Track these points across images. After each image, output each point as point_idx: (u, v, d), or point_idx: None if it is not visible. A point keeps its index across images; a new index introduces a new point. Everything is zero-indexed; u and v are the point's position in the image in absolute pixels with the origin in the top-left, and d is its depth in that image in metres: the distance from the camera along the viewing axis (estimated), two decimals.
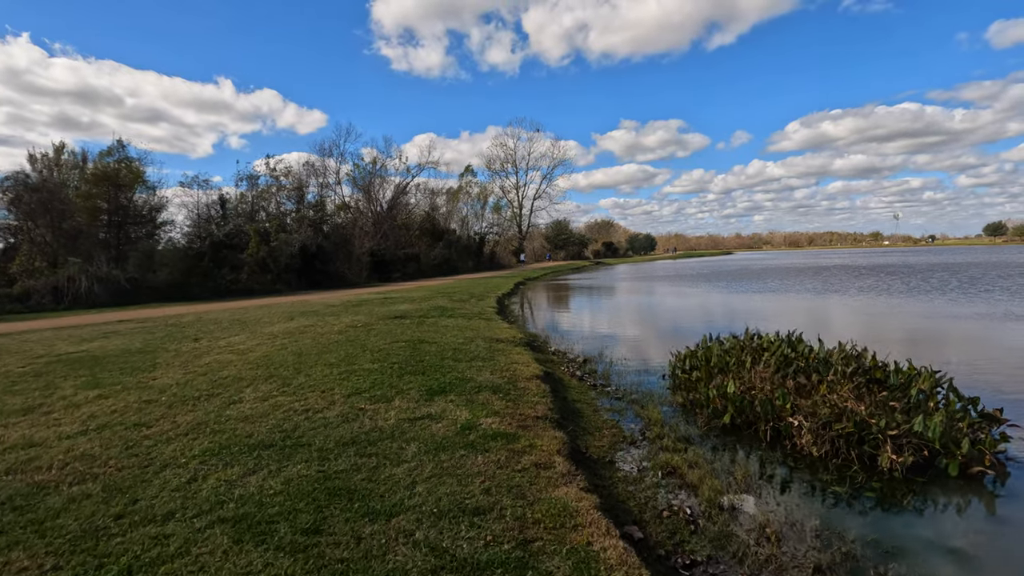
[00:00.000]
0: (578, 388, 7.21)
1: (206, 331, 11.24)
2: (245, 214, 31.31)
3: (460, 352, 7.95)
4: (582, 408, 6.21)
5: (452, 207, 55.13)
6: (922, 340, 10.26)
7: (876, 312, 14.64)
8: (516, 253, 64.31)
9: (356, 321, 12.00)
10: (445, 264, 42.87)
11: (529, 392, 5.83)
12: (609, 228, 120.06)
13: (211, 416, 5.01)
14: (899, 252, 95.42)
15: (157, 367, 7.55)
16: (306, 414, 5.00)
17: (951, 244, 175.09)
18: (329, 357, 7.72)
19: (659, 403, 6.50)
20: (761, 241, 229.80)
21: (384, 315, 12.99)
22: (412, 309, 14.40)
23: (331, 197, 42.29)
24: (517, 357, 7.76)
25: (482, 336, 9.61)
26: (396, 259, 37.01)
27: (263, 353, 8.29)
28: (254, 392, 5.88)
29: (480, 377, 6.37)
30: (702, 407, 6.00)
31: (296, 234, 28.75)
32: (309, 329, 10.92)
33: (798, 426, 4.94)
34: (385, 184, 44.81)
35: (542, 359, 8.53)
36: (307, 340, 9.42)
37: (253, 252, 26.44)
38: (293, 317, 13.30)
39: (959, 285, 21.39)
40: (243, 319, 13.32)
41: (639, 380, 7.75)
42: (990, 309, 14.07)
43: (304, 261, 27.72)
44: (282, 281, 26.96)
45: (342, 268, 31.81)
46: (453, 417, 4.83)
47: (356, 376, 6.44)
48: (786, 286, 24.71)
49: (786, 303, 17.94)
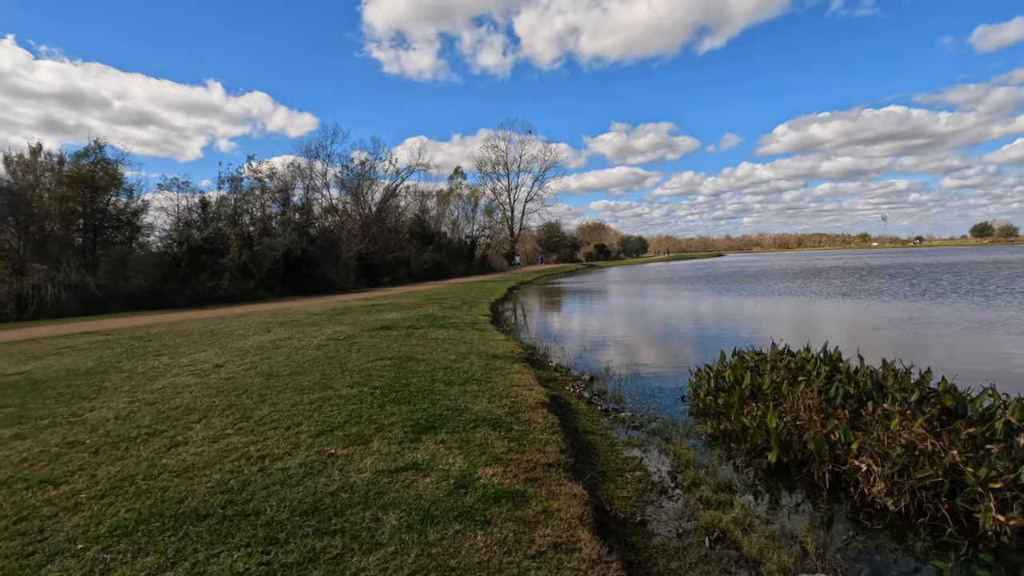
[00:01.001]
0: (588, 414, 6.28)
1: (171, 345, 10.19)
2: (227, 217, 30.12)
3: (452, 372, 6.99)
4: (596, 442, 5.28)
5: (442, 210, 54.14)
6: (966, 353, 9.44)
7: (898, 318, 13.85)
8: (508, 256, 63.38)
9: (338, 333, 11.00)
10: (436, 268, 41.85)
11: (535, 426, 4.89)
12: (601, 230, 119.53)
13: (142, 467, 4.02)
14: (891, 253, 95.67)
15: (101, 393, 6.52)
16: (262, 463, 4.02)
17: (938, 245, 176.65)
18: (302, 379, 6.73)
19: (684, 433, 5.59)
20: (751, 243, 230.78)
21: (369, 325, 11.99)
22: (400, 318, 13.41)
23: (318, 200, 41.19)
24: (517, 378, 6.82)
25: (476, 351, 8.66)
26: (385, 263, 35.93)
27: (228, 374, 7.28)
28: (205, 429, 4.88)
29: (476, 406, 5.42)
30: (738, 440, 5.10)
31: (280, 238, 27.62)
32: (285, 343, 9.90)
33: (866, 471, 4.05)
34: (374, 186, 43.76)
35: (544, 378, 7.60)
36: (281, 357, 8.41)
37: (234, 257, 25.30)
38: (270, 328, 12.26)
39: (972, 287, 20.75)
40: (216, 330, 12.27)
41: (655, 402, 6.84)
42: (1019, 314, 13.35)
43: (288, 266, 26.61)
44: (265, 287, 25.82)
45: (329, 273, 30.70)
46: (445, 466, 3.88)
47: (330, 406, 5.47)
48: (790, 289, 23.99)
49: (796, 308, 17.15)
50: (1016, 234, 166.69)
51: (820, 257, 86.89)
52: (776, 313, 16.21)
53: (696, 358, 9.47)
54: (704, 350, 10.37)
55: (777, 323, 14.11)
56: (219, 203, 30.93)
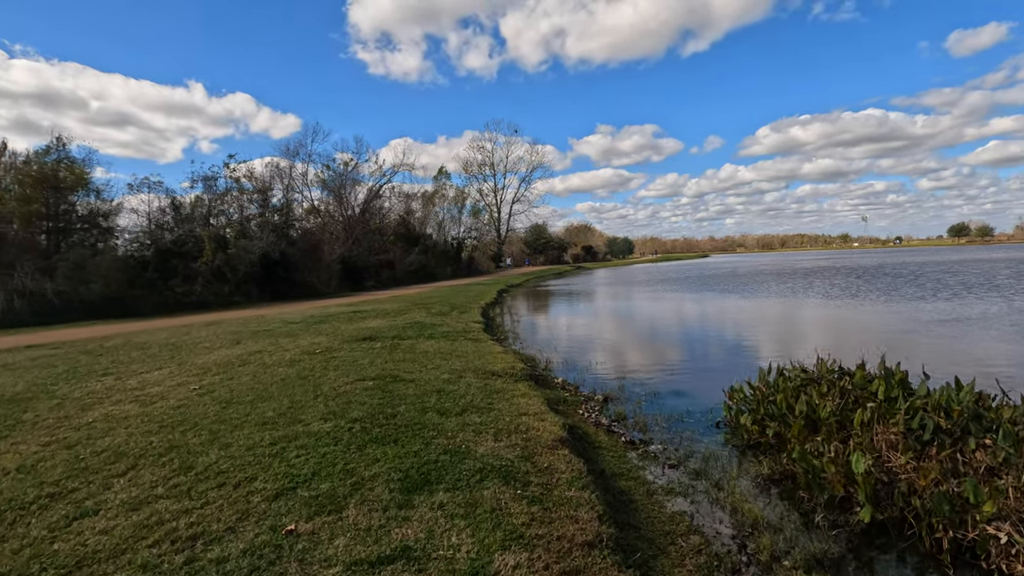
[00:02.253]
0: (611, 448, 5.23)
1: (122, 362, 8.94)
2: (201, 219, 28.62)
3: (447, 396, 5.89)
4: (631, 490, 4.24)
5: (428, 211, 52.84)
6: None
7: (925, 319, 13.05)
8: (496, 258, 62.28)
9: (315, 345, 9.83)
10: (421, 271, 40.60)
11: (559, 477, 3.83)
12: (587, 232, 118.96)
13: (21, 560, 2.88)
14: (876, 253, 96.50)
15: (16, 429, 5.31)
16: (191, 548, 2.90)
17: (916, 245, 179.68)
18: (266, 408, 5.59)
19: (733, 472, 4.57)
20: (734, 244, 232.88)
21: (351, 336, 10.83)
22: (385, 327, 12.26)
23: (299, 201, 39.75)
24: (523, 403, 5.75)
25: (472, 367, 7.57)
26: (369, 266, 34.62)
27: (178, 401, 6.11)
28: (128, 488, 3.74)
29: (481, 446, 4.34)
30: (809, 488, 4.09)
31: (258, 240, 26.22)
32: (254, 358, 8.72)
33: (1007, 542, 3.06)
34: (357, 187, 42.39)
35: (553, 400, 6.54)
36: (245, 377, 7.24)
37: (207, 260, 23.85)
38: (240, 340, 11.04)
39: (980, 284, 20.18)
40: (179, 343, 11.01)
41: (685, 430, 5.82)
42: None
43: (266, 269, 25.22)
44: (241, 292, 24.40)
45: (310, 277, 29.32)
46: (447, 552, 2.80)
47: (296, 448, 4.35)
48: (791, 290, 23.26)
49: (810, 312, 16.32)
50: (992, 234, 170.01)
51: (806, 257, 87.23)
52: (790, 317, 15.36)
53: (721, 373, 8.50)
54: (727, 363, 9.41)
55: (795, 329, 13.23)
56: (194, 204, 29.46)
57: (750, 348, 10.70)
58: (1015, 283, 21.32)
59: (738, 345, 11.08)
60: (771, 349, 10.45)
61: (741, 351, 10.40)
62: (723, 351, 10.50)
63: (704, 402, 6.84)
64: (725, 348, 10.83)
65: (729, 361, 9.49)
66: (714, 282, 32.03)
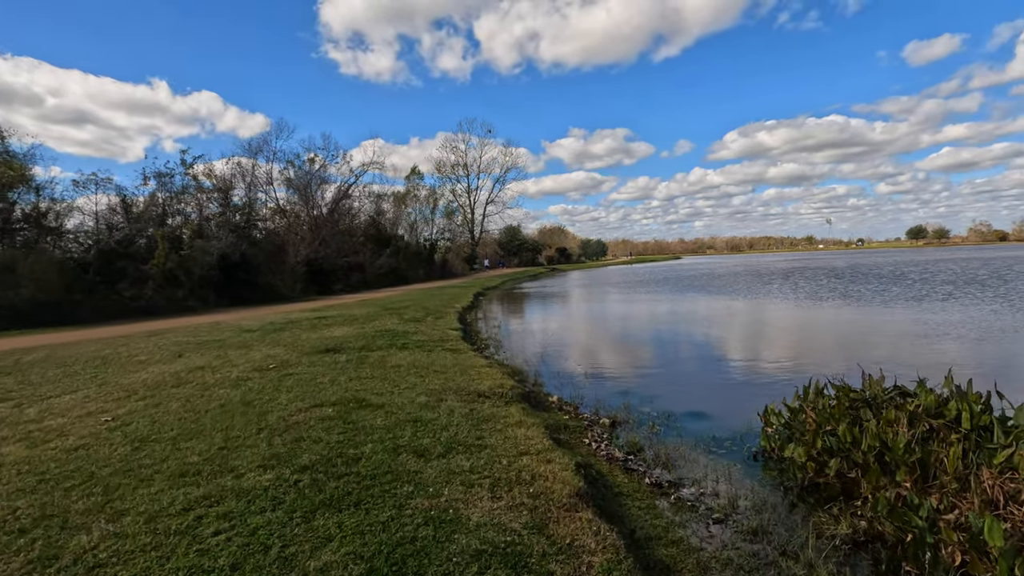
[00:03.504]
0: (635, 494, 4.15)
1: (33, 383, 7.47)
2: (155, 218, 26.60)
3: (425, 429, 4.72)
4: (676, 564, 3.15)
5: (399, 211, 51.18)
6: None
7: (948, 321, 12.42)
8: (469, 260, 60.95)
9: (270, 358, 8.52)
10: (393, 273, 39.04)
11: (588, 564, 2.72)
12: (561, 234, 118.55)
13: None
14: (843, 254, 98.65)
15: None
16: None
17: (876, 247, 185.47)
18: (191, 449, 4.33)
19: (803, 534, 3.54)
20: (704, 246, 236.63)
21: (312, 347, 9.53)
22: (352, 335, 10.97)
23: (263, 200, 37.72)
24: (521, 434, 4.63)
25: (454, 386, 6.40)
26: (337, 268, 32.93)
27: (80, 439, 4.77)
28: None
29: (473, 510, 3.19)
30: (916, 560, 3.07)
31: (215, 240, 24.44)
32: (194, 376, 7.37)
33: None
34: (325, 186, 40.55)
35: (553, 425, 5.43)
36: (176, 404, 5.92)
37: (159, 262, 22.02)
38: (184, 352, 9.61)
39: (979, 282, 19.95)
40: (111, 357, 9.52)
41: (716, 463, 4.79)
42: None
43: (224, 272, 23.46)
44: (197, 297, 22.62)
45: (273, 280, 27.59)
46: None
47: (216, 520, 3.12)
48: (777, 292, 22.74)
49: (807, 316, 15.62)
50: (948, 236, 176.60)
51: (777, 259, 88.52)
52: (793, 321, 14.62)
53: (739, 388, 7.59)
54: (741, 375, 8.48)
55: (804, 334, 12.44)
56: (148, 203, 27.40)
57: (761, 357, 9.82)
58: (999, 283, 21.24)
59: (748, 354, 10.18)
60: (783, 357, 9.58)
61: (753, 360, 9.50)
62: (732, 361, 9.58)
63: (728, 424, 5.84)
64: (733, 357, 9.92)
65: (742, 373, 8.56)
66: (697, 284, 31.50)
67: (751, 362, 9.30)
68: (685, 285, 30.62)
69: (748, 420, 5.73)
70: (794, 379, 7.77)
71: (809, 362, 8.83)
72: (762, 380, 7.96)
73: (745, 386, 7.67)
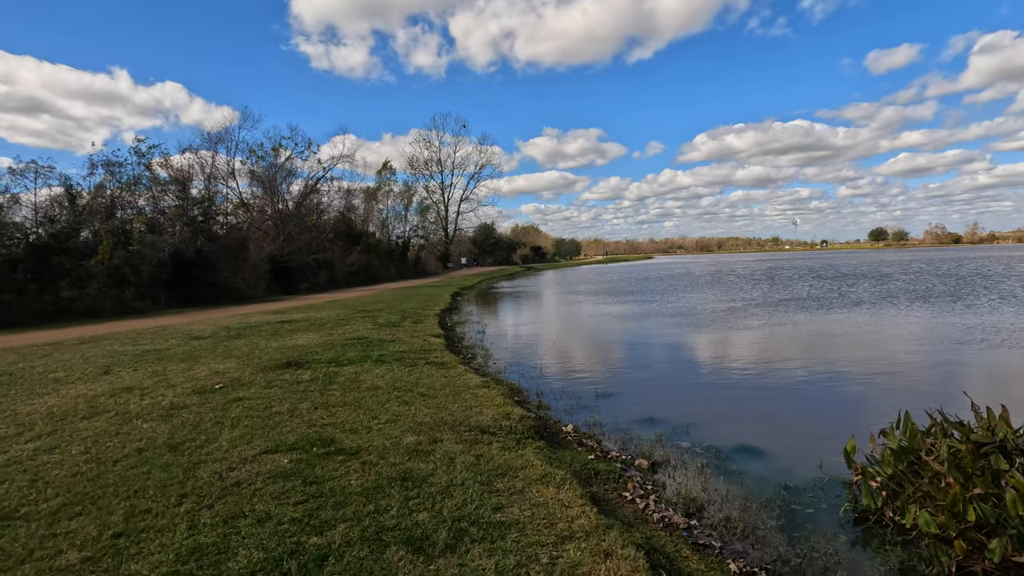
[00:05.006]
0: None
1: None
2: (103, 211, 24.30)
3: (420, 492, 3.40)
4: None
5: (370, 207, 49.16)
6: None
7: (968, 325, 11.64)
8: (443, 258, 59.27)
9: (218, 375, 7.03)
10: (364, 271, 37.23)
11: None
12: (535, 233, 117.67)
13: None
14: (814, 255, 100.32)
15: None
16: None
17: (839, 248, 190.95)
18: (68, 540, 2.91)
19: None
20: (675, 246, 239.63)
21: (270, 359, 8.05)
22: (318, 344, 9.50)
23: (225, 194, 35.37)
24: (552, 499, 3.35)
25: (449, 416, 5.07)
26: (304, 266, 30.98)
27: None
28: None
29: None
30: None
31: (168, 235, 22.40)
32: (115, 402, 5.85)
33: None
34: (292, 179, 38.38)
35: (583, 473, 4.17)
36: (76, 448, 4.43)
37: (103, 259, 19.94)
38: (113, 367, 8.01)
39: (969, 284, 19.56)
40: (21, 373, 7.84)
41: (804, 530, 3.62)
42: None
43: (177, 270, 21.46)
44: (145, 297, 20.59)
45: (233, 278, 25.59)
46: None
47: None
48: (775, 290, 22.02)
49: (830, 326, 14.76)
50: (907, 238, 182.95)
51: (749, 259, 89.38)
52: (814, 332, 13.71)
53: (789, 409, 6.46)
54: (786, 392, 7.36)
55: (823, 346, 11.49)
56: (94, 194, 25.04)
57: (804, 366, 8.77)
58: (988, 285, 20.97)
59: (785, 364, 9.13)
60: (841, 370, 8.56)
61: (795, 372, 8.44)
62: (768, 375, 8.49)
63: (795, 464, 4.69)
64: (767, 370, 8.84)
65: (788, 390, 7.44)
66: (680, 284, 30.75)
67: (793, 376, 8.22)
68: (668, 285, 29.82)
69: (816, 457, 4.61)
70: (861, 401, 6.75)
71: (882, 381, 7.75)
72: (817, 399, 6.89)
73: (800, 409, 6.56)
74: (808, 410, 6.51)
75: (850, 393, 7.13)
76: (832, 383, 7.60)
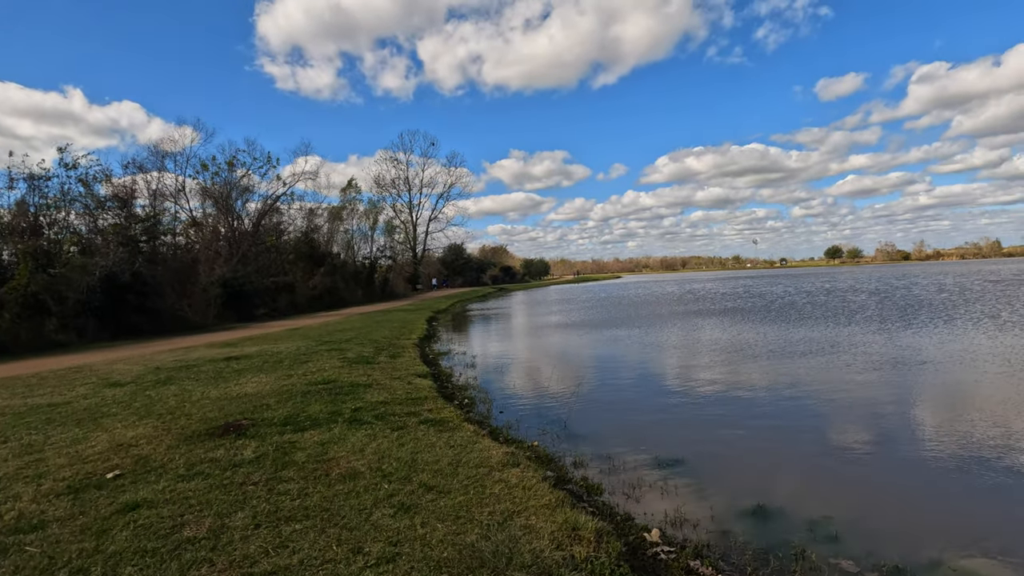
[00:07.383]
0: None
1: None
2: (22, 230, 21.28)
3: None
4: None
5: (335, 227, 46.50)
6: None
7: None
8: (412, 279, 56.75)
9: (119, 449, 4.81)
10: (329, 295, 34.55)
11: None
12: (503, 253, 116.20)
13: None
14: (776, 273, 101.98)
15: None
16: None
17: (797, 266, 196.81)
18: None
19: None
20: (640, 265, 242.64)
21: (201, 421, 5.84)
22: (271, 392, 7.31)
23: (172, 211, 32.29)
24: None
25: (486, 545, 3.06)
26: (262, 290, 28.19)
27: None
28: None
29: None
30: None
31: (100, 257, 19.58)
32: None
33: None
34: (249, 195, 35.51)
35: None
36: None
37: (19, 285, 17.03)
38: None
39: (949, 302, 18.59)
40: None
41: None
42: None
43: (110, 296, 18.63)
44: (70, 328, 17.69)
45: (179, 304, 22.78)
46: None
47: None
48: (770, 307, 20.71)
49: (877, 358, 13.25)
50: (861, 255, 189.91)
51: (717, 277, 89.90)
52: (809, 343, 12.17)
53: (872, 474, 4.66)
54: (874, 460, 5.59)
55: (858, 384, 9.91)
56: (14, 213, 22.00)
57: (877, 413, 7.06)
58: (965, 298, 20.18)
59: (821, 402, 7.41)
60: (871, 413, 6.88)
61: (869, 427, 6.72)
62: (805, 422, 6.74)
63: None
64: (807, 412, 7.11)
65: (872, 455, 5.70)
66: (668, 306, 29.37)
67: (871, 434, 6.51)
68: (655, 306, 28.38)
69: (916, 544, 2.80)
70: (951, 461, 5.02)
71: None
72: (905, 460, 5.16)
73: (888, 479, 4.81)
74: (904, 475, 4.76)
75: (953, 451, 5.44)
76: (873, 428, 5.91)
